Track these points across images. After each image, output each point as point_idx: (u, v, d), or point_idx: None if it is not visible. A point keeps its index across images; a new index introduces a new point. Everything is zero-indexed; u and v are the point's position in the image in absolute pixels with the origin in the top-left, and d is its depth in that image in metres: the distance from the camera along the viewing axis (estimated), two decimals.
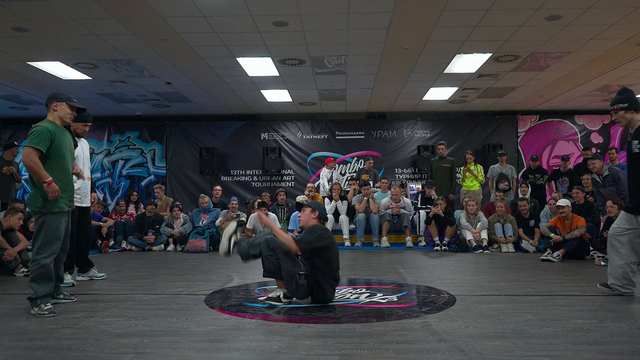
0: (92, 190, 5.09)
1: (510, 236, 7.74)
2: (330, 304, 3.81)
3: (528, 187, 8.82)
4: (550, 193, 8.98)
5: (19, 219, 5.86)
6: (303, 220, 4.01)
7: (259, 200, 8.83)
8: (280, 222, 8.51)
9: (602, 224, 6.95)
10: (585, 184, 7.77)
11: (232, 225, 3.94)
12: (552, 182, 9.49)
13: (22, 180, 8.63)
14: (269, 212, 8.26)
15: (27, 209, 7.83)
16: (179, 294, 4.23)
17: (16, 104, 10.63)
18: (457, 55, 7.66)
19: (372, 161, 10.38)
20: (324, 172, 10.34)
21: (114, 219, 8.80)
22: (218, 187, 9.55)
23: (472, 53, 7.58)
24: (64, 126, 3.85)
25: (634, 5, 5.83)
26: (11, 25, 6.24)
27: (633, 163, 3.96)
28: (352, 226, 8.67)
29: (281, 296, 3.77)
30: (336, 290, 4.22)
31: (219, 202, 9.35)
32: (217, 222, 8.34)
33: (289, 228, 8.40)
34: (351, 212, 8.72)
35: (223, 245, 3.86)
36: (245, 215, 8.52)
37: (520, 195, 8.48)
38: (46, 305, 3.55)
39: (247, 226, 8.14)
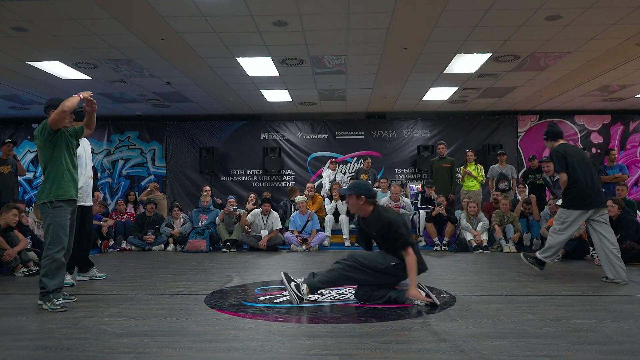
0: (95, 189, 5.11)
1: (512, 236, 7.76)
2: (330, 304, 3.81)
3: (525, 187, 8.83)
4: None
5: (14, 216, 5.75)
6: (354, 210, 3.93)
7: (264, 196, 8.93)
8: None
9: None
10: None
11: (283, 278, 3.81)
12: None
13: (22, 179, 8.55)
14: (271, 211, 8.27)
15: (28, 209, 7.85)
16: (179, 294, 4.23)
17: (16, 104, 10.63)
18: (457, 55, 7.65)
19: (370, 161, 10.36)
20: (327, 172, 10.33)
21: (114, 218, 8.80)
22: (207, 187, 9.50)
23: (472, 53, 7.57)
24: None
25: (634, 5, 5.83)
26: (11, 25, 6.23)
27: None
28: (352, 226, 8.65)
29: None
30: (336, 291, 4.24)
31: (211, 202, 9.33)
32: (217, 221, 8.35)
33: (289, 228, 8.40)
34: (351, 212, 8.71)
35: (292, 297, 3.73)
36: (245, 211, 8.54)
37: (519, 196, 8.54)
38: (58, 300, 3.64)
39: (246, 218, 8.19)
